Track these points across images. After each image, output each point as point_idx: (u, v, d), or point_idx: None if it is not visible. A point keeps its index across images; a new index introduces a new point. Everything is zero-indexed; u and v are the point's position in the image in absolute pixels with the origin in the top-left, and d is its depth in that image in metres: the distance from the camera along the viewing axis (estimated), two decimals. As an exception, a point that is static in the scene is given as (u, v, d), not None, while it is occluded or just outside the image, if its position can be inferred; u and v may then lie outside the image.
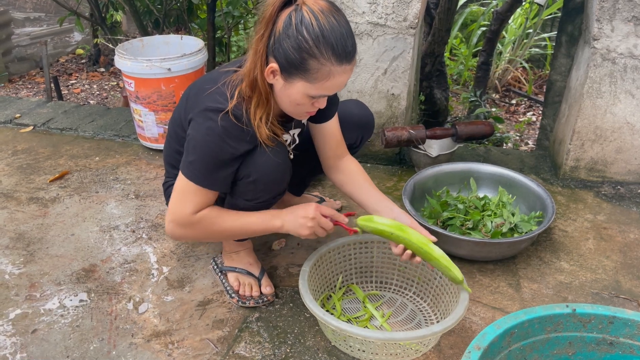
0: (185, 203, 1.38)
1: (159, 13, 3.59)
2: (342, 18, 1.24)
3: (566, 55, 2.47)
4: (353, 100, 1.78)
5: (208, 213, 1.40)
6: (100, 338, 1.48)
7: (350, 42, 1.24)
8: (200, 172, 1.35)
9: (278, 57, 1.25)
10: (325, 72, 1.24)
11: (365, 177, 1.61)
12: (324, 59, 1.22)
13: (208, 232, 1.43)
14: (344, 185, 1.62)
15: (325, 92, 1.29)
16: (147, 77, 2.30)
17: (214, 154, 1.33)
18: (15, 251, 1.83)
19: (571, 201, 2.13)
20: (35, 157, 2.45)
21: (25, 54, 4.81)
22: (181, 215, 1.39)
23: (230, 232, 1.45)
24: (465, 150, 2.49)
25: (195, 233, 1.43)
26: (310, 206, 1.40)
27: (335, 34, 1.21)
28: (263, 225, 1.43)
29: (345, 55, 1.23)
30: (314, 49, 1.21)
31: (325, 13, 1.21)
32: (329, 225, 1.41)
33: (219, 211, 1.42)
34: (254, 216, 1.43)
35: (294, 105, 1.33)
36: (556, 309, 1.15)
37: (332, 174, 1.65)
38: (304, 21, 1.20)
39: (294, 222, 1.40)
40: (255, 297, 1.59)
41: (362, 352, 1.38)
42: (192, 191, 1.37)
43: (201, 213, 1.39)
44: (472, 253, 1.72)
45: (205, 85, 1.39)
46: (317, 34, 1.20)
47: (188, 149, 1.37)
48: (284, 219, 1.42)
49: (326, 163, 1.64)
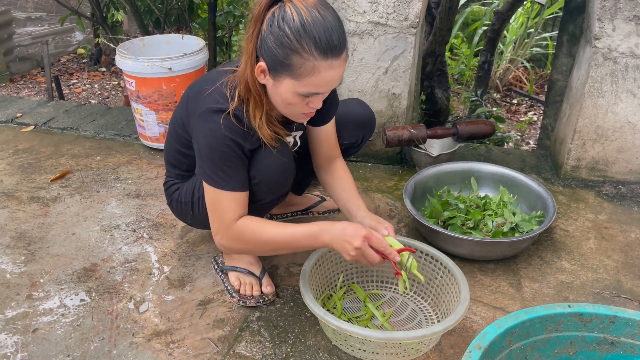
0: (221, 212, 1.37)
1: (160, 12, 3.59)
2: (328, 12, 1.21)
3: (567, 55, 2.47)
4: (354, 99, 1.77)
5: (249, 224, 1.37)
6: (101, 337, 1.48)
7: (336, 36, 1.20)
8: (218, 177, 1.34)
9: (265, 55, 1.24)
10: (309, 67, 1.21)
11: (352, 184, 1.60)
12: (306, 54, 1.19)
13: (255, 244, 1.39)
14: (329, 187, 1.63)
15: (315, 90, 1.26)
16: (148, 76, 2.30)
17: (223, 154, 1.33)
18: (16, 250, 1.83)
19: (572, 201, 2.12)
20: (36, 156, 2.45)
21: (26, 54, 4.81)
22: (223, 226, 1.37)
23: (276, 244, 1.38)
24: (466, 149, 2.49)
25: (242, 245, 1.40)
26: (360, 233, 1.31)
27: (317, 28, 1.18)
28: (310, 239, 1.35)
29: (330, 49, 1.20)
30: (295, 43, 1.19)
31: (309, 8, 1.19)
32: (375, 259, 1.33)
33: (262, 222, 1.38)
34: (301, 227, 1.37)
35: (287, 105, 1.32)
36: (557, 309, 1.14)
37: (321, 174, 1.66)
38: (285, 17, 1.19)
39: (340, 243, 1.32)
40: (256, 296, 1.59)
41: (362, 351, 1.38)
42: (220, 198, 1.36)
43: (243, 222, 1.36)
44: (472, 252, 1.72)
45: (205, 85, 1.39)
46: (298, 27, 1.18)
47: (199, 157, 1.37)
48: (332, 235, 1.33)
49: (317, 163, 1.66)
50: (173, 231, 1.92)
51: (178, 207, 1.62)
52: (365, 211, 1.52)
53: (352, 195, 1.58)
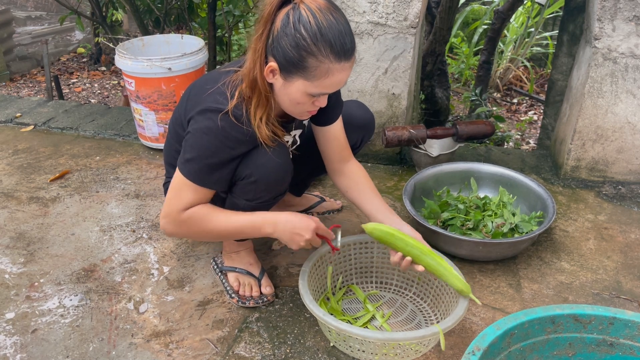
0: (179, 199, 1.38)
1: (159, 12, 3.59)
2: (340, 16, 1.24)
3: (567, 55, 2.47)
4: (354, 101, 1.77)
5: (198, 210, 1.39)
6: (100, 338, 1.48)
7: (348, 40, 1.23)
8: (196, 171, 1.35)
9: (277, 55, 1.25)
10: (324, 69, 1.23)
11: (370, 184, 1.60)
12: (322, 57, 1.21)
13: (199, 230, 1.42)
14: (348, 191, 1.61)
15: (325, 90, 1.29)
16: (148, 76, 2.30)
17: (212, 154, 1.33)
18: (16, 251, 1.83)
19: (572, 201, 2.12)
20: (35, 156, 2.45)
21: (26, 53, 4.81)
22: (173, 211, 1.39)
23: (221, 232, 1.42)
24: (466, 149, 2.49)
25: (186, 230, 1.42)
26: (310, 226, 1.39)
27: (333, 32, 1.21)
28: (253, 230, 1.41)
29: (343, 52, 1.23)
30: (312, 47, 1.20)
31: (323, 11, 1.21)
32: (317, 243, 1.43)
33: (210, 209, 1.40)
34: (246, 218, 1.41)
35: (294, 104, 1.33)
36: (556, 310, 1.14)
37: (337, 178, 1.64)
38: (301, 19, 1.20)
39: (288, 235, 1.39)
40: (255, 297, 1.59)
41: (362, 352, 1.38)
42: (187, 188, 1.37)
43: (191, 210, 1.38)
44: (472, 253, 1.72)
45: (206, 85, 1.39)
46: (315, 31, 1.19)
47: (186, 147, 1.37)
48: (277, 226, 1.39)
49: (331, 167, 1.64)
50: (172, 231, 1.92)
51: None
52: (384, 212, 1.53)
53: (369, 197, 1.57)
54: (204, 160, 1.34)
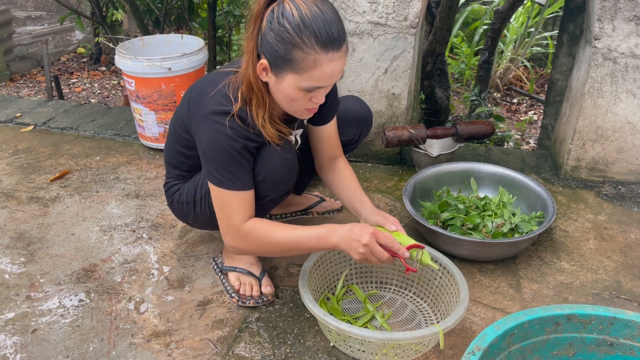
0: (229, 212, 1.37)
1: (159, 12, 3.59)
2: (326, 7, 1.23)
3: (567, 55, 2.47)
4: (351, 96, 1.78)
5: (259, 224, 1.38)
6: (100, 338, 1.48)
7: (335, 29, 1.22)
8: (224, 177, 1.35)
9: (266, 53, 1.25)
10: (311, 61, 1.22)
11: (355, 180, 1.61)
12: (307, 48, 1.21)
13: (264, 245, 1.39)
14: (333, 186, 1.64)
15: (317, 84, 1.27)
16: (148, 76, 2.30)
17: (229, 154, 1.33)
18: (16, 251, 1.83)
19: (572, 201, 2.12)
20: (35, 156, 2.45)
21: (26, 53, 4.81)
22: (232, 226, 1.38)
23: (285, 245, 1.39)
24: (466, 149, 2.49)
25: (251, 245, 1.41)
26: (366, 231, 1.31)
27: (317, 22, 1.20)
28: (318, 240, 1.36)
29: (330, 42, 1.21)
30: (296, 38, 1.20)
31: (307, 3, 1.21)
32: (383, 256, 1.32)
33: (270, 224, 1.39)
34: (309, 230, 1.37)
35: (289, 100, 1.32)
36: (556, 310, 1.14)
37: (324, 173, 1.66)
38: (284, 12, 1.21)
39: (347, 243, 1.32)
40: (255, 297, 1.59)
41: (362, 352, 1.38)
42: (227, 198, 1.37)
43: (252, 224, 1.37)
44: (472, 253, 1.72)
45: (207, 87, 1.39)
46: (298, 22, 1.19)
47: (204, 159, 1.38)
48: (340, 235, 1.33)
49: (319, 162, 1.66)
50: (172, 231, 1.92)
51: (179, 207, 1.62)
52: (370, 207, 1.52)
53: (356, 193, 1.58)
54: (225, 164, 1.34)
